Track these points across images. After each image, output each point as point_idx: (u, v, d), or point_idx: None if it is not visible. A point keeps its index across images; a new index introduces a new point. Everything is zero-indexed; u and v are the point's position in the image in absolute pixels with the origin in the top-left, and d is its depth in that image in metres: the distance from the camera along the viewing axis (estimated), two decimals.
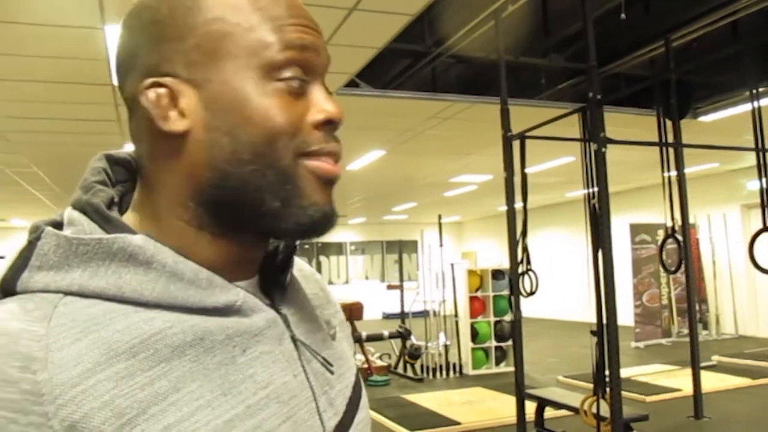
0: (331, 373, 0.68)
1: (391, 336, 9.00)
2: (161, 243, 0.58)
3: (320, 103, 0.63)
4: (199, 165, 0.60)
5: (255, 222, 0.61)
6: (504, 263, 8.38)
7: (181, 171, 0.61)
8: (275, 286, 0.68)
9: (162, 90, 0.60)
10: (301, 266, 0.78)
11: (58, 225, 0.59)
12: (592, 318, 4.52)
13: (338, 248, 19.74)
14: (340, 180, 0.67)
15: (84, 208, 0.59)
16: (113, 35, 4.07)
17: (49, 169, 8.61)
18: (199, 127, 0.59)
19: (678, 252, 5.68)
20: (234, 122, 0.59)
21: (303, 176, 0.61)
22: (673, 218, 5.47)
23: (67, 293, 0.55)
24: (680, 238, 5.63)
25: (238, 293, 0.61)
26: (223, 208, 0.61)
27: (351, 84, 5.58)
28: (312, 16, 0.65)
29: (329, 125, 0.63)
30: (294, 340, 0.65)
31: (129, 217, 0.63)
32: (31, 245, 0.56)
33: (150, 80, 0.60)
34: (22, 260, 0.56)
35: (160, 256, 0.57)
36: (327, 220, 0.64)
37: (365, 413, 0.73)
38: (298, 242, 0.71)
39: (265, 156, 0.59)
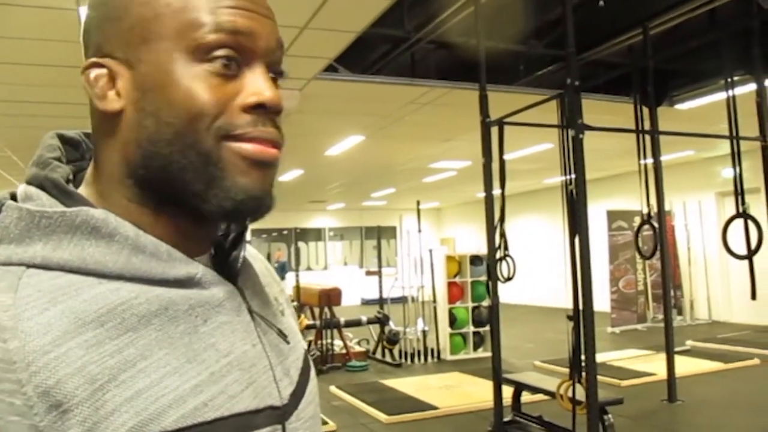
0: (287, 343, 0.71)
1: (370, 321, 9.03)
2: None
3: (253, 87, 0.61)
4: (130, 144, 0.61)
5: (182, 202, 0.61)
6: (482, 249, 8.42)
7: (117, 149, 0.62)
8: (227, 263, 0.69)
9: (102, 70, 0.61)
10: (246, 247, 0.80)
11: (13, 200, 0.60)
12: (569, 304, 4.56)
13: (317, 234, 19.72)
14: (319, 166, 0.65)
15: (42, 184, 0.61)
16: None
17: (23, 153, 8.48)
18: (130, 107, 0.61)
19: (653, 238, 5.74)
20: (158, 103, 0.59)
21: (227, 158, 0.60)
22: (649, 205, 5.52)
23: (29, 266, 0.56)
24: (656, 224, 5.69)
25: (198, 266, 0.63)
26: (152, 187, 0.62)
27: (329, 69, 5.55)
28: (263, 1, 0.63)
29: (261, 110, 0.61)
30: (251, 311, 0.67)
31: (82, 193, 0.64)
32: None
33: (91, 60, 0.62)
34: None
35: (123, 229, 0.59)
36: (255, 204, 0.62)
37: (314, 383, 0.76)
38: (248, 222, 0.71)
39: (186, 136, 0.59)
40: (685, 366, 7.08)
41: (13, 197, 0.60)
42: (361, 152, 9.41)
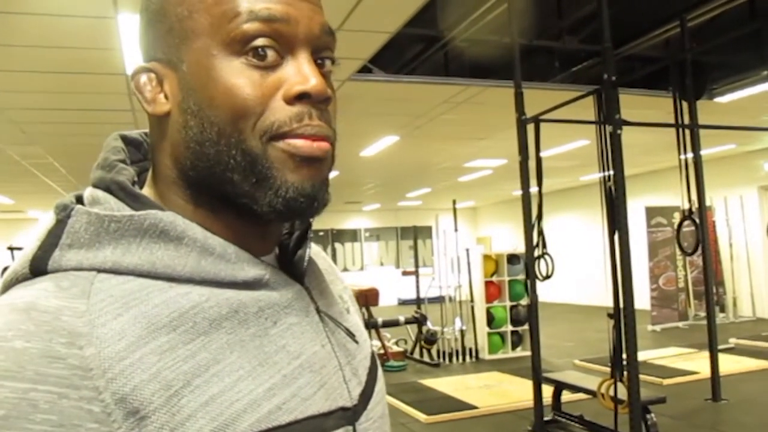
0: (356, 342, 0.70)
1: (407, 321, 9.03)
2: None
3: (296, 76, 0.59)
4: (178, 146, 0.61)
5: (235, 202, 0.60)
6: (519, 248, 8.36)
7: (168, 151, 0.62)
8: (292, 262, 0.68)
9: (150, 74, 0.61)
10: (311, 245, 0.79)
11: (81, 203, 0.60)
12: (608, 302, 4.51)
13: (353, 235, 19.77)
14: (354, 167, 0.64)
15: (109, 187, 0.60)
16: (126, 24, 4.08)
17: (64, 159, 8.67)
18: (175, 108, 0.60)
19: (695, 234, 5.64)
20: (201, 102, 0.59)
21: (274, 156, 0.58)
22: (690, 200, 5.42)
23: (100, 270, 0.55)
24: (697, 220, 5.58)
25: (265, 267, 0.62)
26: (203, 189, 0.61)
27: (364, 69, 5.56)
28: None
29: (306, 99, 0.58)
30: (319, 311, 0.67)
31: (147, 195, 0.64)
32: (61, 223, 0.57)
33: (138, 66, 0.62)
34: (53, 238, 0.56)
35: (191, 232, 0.58)
36: (307, 202, 0.60)
37: (382, 383, 0.75)
38: (312, 219, 0.70)
39: (231, 136, 0.58)
40: (729, 364, 6.94)
41: (79, 200, 0.60)
42: (396, 153, 9.41)
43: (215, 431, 0.53)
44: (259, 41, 0.58)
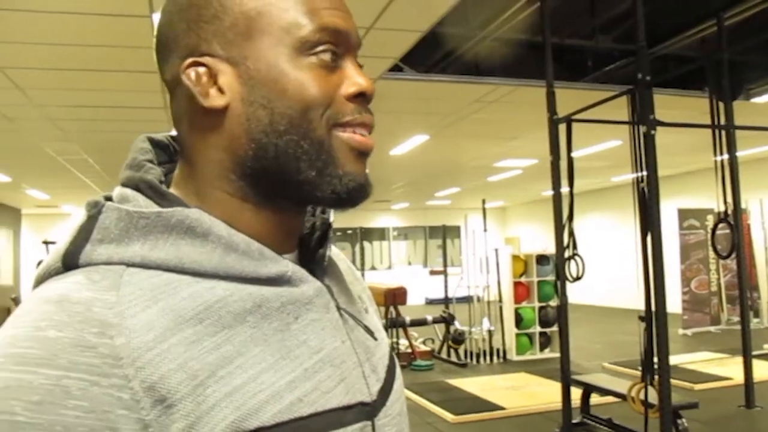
0: (375, 339, 0.72)
1: (435, 321, 9.02)
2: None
3: (353, 77, 0.65)
4: (238, 138, 0.63)
5: (294, 191, 0.64)
6: (548, 248, 8.30)
7: (222, 145, 0.64)
8: (313, 261, 0.71)
9: (202, 69, 0.63)
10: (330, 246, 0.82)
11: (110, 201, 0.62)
12: (639, 304, 4.46)
13: (381, 234, 19.79)
14: (384, 165, 0.67)
15: (138, 185, 0.63)
16: None
17: (99, 156, 8.80)
18: (237, 101, 0.63)
19: (730, 237, 5.55)
20: (270, 95, 0.62)
21: (337, 147, 0.64)
22: (725, 202, 5.33)
23: (129, 265, 0.58)
24: (732, 222, 5.49)
25: (287, 264, 0.64)
26: (263, 179, 0.64)
27: (395, 68, 5.56)
28: (344, 3, 0.68)
29: (361, 98, 0.66)
30: (339, 309, 0.69)
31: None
32: (92, 219, 0.59)
33: (190, 60, 0.63)
34: (84, 234, 0.59)
35: (216, 229, 0.61)
36: (362, 190, 0.66)
37: (401, 381, 0.77)
38: (332, 216, 0.75)
39: (300, 126, 0.62)
40: (763, 370, 6.80)
41: (108, 200, 0.62)
42: (426, 151, 9.40)
43: (238, 420, 0.55)
44: (326, 47, 0.63)
